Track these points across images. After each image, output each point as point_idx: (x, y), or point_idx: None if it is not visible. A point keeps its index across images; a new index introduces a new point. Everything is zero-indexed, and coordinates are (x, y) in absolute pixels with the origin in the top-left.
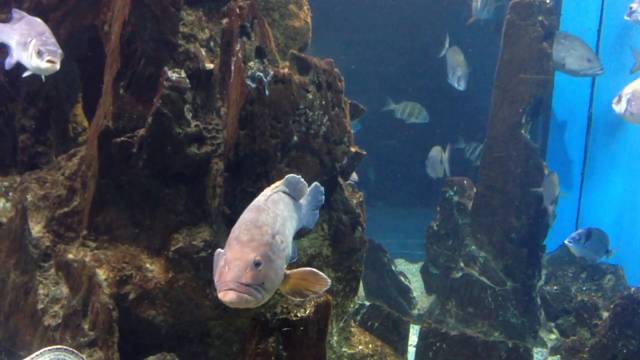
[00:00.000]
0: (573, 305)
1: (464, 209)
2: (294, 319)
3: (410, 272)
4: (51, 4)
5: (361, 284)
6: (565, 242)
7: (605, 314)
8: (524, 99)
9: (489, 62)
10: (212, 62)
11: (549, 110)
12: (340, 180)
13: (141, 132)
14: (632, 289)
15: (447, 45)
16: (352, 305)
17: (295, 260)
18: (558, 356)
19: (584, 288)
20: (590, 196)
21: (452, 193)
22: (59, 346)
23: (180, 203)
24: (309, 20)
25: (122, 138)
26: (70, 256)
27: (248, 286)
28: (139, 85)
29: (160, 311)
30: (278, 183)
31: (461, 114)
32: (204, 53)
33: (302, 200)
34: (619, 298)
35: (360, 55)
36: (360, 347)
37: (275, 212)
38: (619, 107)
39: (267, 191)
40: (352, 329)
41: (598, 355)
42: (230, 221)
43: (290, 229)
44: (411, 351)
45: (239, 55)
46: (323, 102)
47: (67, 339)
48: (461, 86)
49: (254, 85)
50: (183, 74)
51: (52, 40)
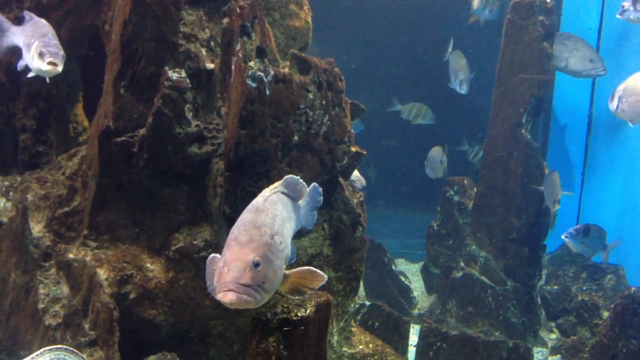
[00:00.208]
0: (573, 305)
1: (464, 208)
2: (294, 318)
3: (411, 272)
4: (52, 4)
5: (362, 284)
6: (563, 236)
7: (606, 314)
8: (525, 98)
9: (489, 62)
10: (212, 61)
11: (549, 110)
12: (340, 179)
13: (142, 131)
14: (633, 288)
15: (450, 49)
16: (352, 305)
17: (294, 261)
18: (558, 356)
19: (584, 288)
20: (590, 196)
21: (452, 193)
22: (59, 346)
23: (181, 203)
24: (310, 20)
25: (123, 138)
26: (71, 256)
27: (247, 287)
28: (140, 84)
29: (161, 311)
30: (277, 184)
31: (462, 113)
32: (204, 53)
33: (301, 201)
34: (620, 298)
35: (361, 55)
36: (360, 347)
37: (274, 213)
38: (612, 105)
39: (266, 192)
40: (353, 329)
41: (598, 355)
42: (231, 221)
43: (289, 230)
44: (412, 351)
45: (240, 55)
46: (324, 102)
47: (67, 339)
48: (463, 90)
49: (254, 85)
50: (184, 74)
51: (55, 41)
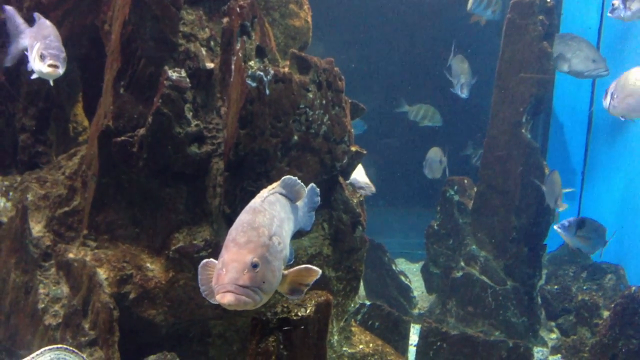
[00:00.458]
0: (574, 305)
1: (464, 208)
2: (294, 318)
3: (411, 272)
4: (51, 4)
5: (362, 284)
6: (555, 227)
7: (606, 314)
8: (525, 98)
9: (490, 62)
10: (212, 61)
11: (549, 110)
12: (340, 179)
13: (141, 131)
14: (633, 288)
15: (452, 54)
16: (352, 305)
17: (292, 262)
18: (559, 355)
19: (584, 287)
20: (590, 195)
21: (452, 192)
22: (59, 345)
23: (181, 202)
24: (309, 20)
25: (123, 137)
26: (71, 255)
27: (246, 288)
28: (139, 84)
29: (161, 310)
30: (274, 185)
31: (462, 113)
32: (204, 52)
33: (299, 202)
34: (620, 297)
35: (360, 54)
36: (360, 347)
37: (272, 214)
38: (605, 102)
39: (264, 193)
40: (353, 328)
41: (599, 355)
42: (231, 220)
43: (287, 231)
44: (412, 350)
45: (240, 54)
46: (323, 102)
47: (67, 339)
48: (463, 94)
49: (254, 85)
50: (183, 74)
51: (56, 44)
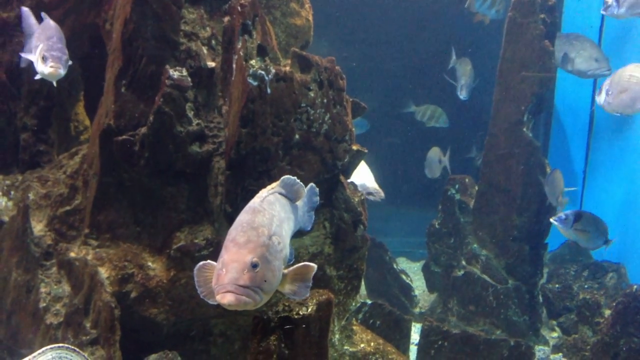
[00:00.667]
0: (575, 303)
1: (465, 207)
2: (295, 317)
3: (412, 271)
4: (52, 3)
5: (363, 283)
6: (552, 219)
7: (608, 312)
8: (526, 96)
9: (492, 61)
10: (213, 60)
11: (551, 108)
12: (342, 178)
13: (143, 130)
14: (634, 286)
15: (454, 56)
16: (353, 304)
17: (293, 261)
18: (560, 354)
19: (585, 286)
20: (592, 194)
21: (454, 191)
22: (60, 344)
23: (182, 201)
24: (311, 18)
25: (124, 136)
26: (72, 255)
27: (246, 288)
28: (141, 83)
29: (162, 309)
30: (274, 184)
31: (465, 112)
32: (205, 51)
33: (299, 202)
34: (621, 296)
35: (362, 53)
36: (362, 345)
37: (272, 214)
38: (599, 99)
39: (263, 193)
40: (354, 327)
41: (600, 353)
42: (232, 219)
43: (287, 230)
44: (413, 349)
45: (241, 53)
46: (325, 100)
47: (69, 338)
48: (462, 95)
49: (255, 84)
50: (185, 72)
51: (59, 45)
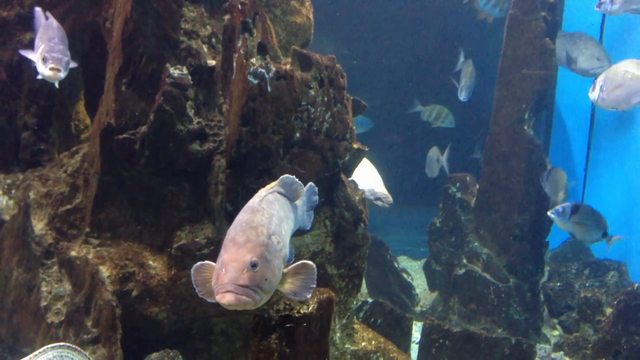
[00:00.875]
0: (576, 302)
1: (466, 205)
2: (296, 315)
3: (413, 269)
4: (53, 1)
5: (364, 281)
6: (548, 212)
7: (609, 310)
8: (527, 94)
9: (491, 59)
10: (214, 58)
11: (552, 106)
12: (342, 176)
13: (143, 129)
14: (636, 285)
15: (462, 58)
16: (354, 302)
17: (292, 261)
18: (561, 352)
19: (587, 284)
20: (593, 192)
21: (454, 189)
22: (62, 343)
23: (183, 200)
24: (311, 17)
25: (125, 135)
26: (73, 253)
27: (246, 287)
28: (141, 82)
29: (163, 308)
30: (273, 184)
31: (466, 110)
32: (205, 49)
33: (298, 201)
34: (622, 294)
35: (362, 51)
36: (363, 344)
37: (271, 213)
38: (593, 95)
39: (262, 192)
40: (355, 326)
41: (601, 352)
42: (233, 218)
43: (286, 230)
44: (414, 348)
45: (241, 51)
46: (325, 99)
47: (70, 336)
48: (462, 97)
49: (256, 82)
50: (185, 71)
51: (60, 46)
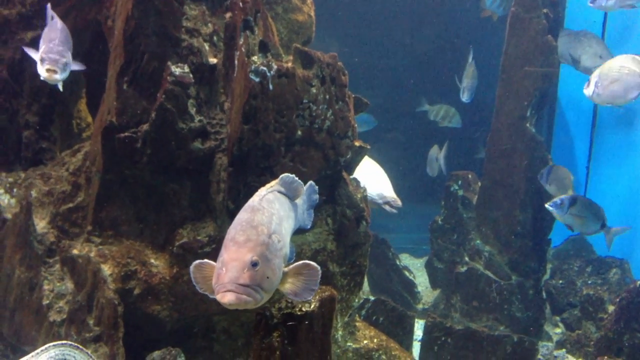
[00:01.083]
0: (578, 299)
1: (468, 203)
2: (298, 313)
3: (415, 267)
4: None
5: (366, 279)
6: (546, 205)
7: (611, 308)
8: (529, 92)
9: (492, 56)
10: (215, 56)
11: (554, 103)
12: (344, 174)
13: (145, 127)
14: (638, 282)
15: (470, 59)
16: (356, 300)
17: (293, 260)
18: (563, 350)
19: (589, 282)
20: (595, 190)
21: (456, 187)
22: (64, 342)
23: (185, 198)
24: (313, 14)
25: (126, 133)
26: (75, 252)
27: (246, 287)
28: (143, 80)
29: (165, 306)
30: (273, 183)
31: (469, 108)
32: (207, 47)
33: (298, 200)
34: (625, 291)
35: (364, 48)
36: (365, 342)
37: (271, 212)
38: (588, 91)
39: (262, 191)
40: (357, 324)
41: (604, 349)
42: (235, 216)
43: (287, 229)
44: (416, 345)
45: (243, 49)
46: (327, 96)
47: (72, 335)
48: (464, 98)
49: (257, 80)
50: (186, 69)
51: (59, 48)
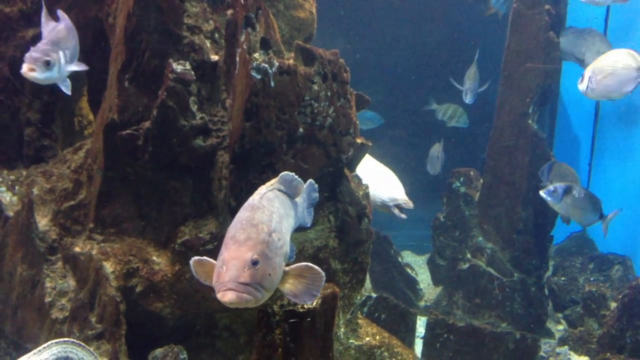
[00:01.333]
0: (581, 296)
1: (470, 200)
2: (300, 310)
3: (417, 264)
4: None
5: (368, 276)
6: (540, 192)
7: (613, 305)
8: (531, 88)
9: (494, 53)
10: (217, 53)
11: (556, 100)
12: (346, 171)
13: (146, 124)
14: None
15: (474, 61)
16: (359, 297)
17: (293, 259)
18: (566, 347)
19: (591, 279)
20: (597, 186)
21: (458, 184)
22: (66, 339)
23: (186, 195)
24: (314, 11)
25: (128, 131)
26: (77, 249)
27: (247, 285)
28: (144, 77)
29: (167, 303)
30: (273, 181)
31: (468, 106)
32: (208, 45)
33: (298, 198)
34: (627, 288)
35: (365, 45)
36: (367, 339)
37: (271, 210)
38: (582, 86)
39: (262, 189)
40: (359, 321)
41: (606, 346)
42: (236, 213)
43: (287, 227)
44: (418, 342)
45: (244, 46)
46: (329, 93)
47: (74, 332)
48: (467, 99)
49: (259, 77)
50: (188, 66)
51: (44, 47)
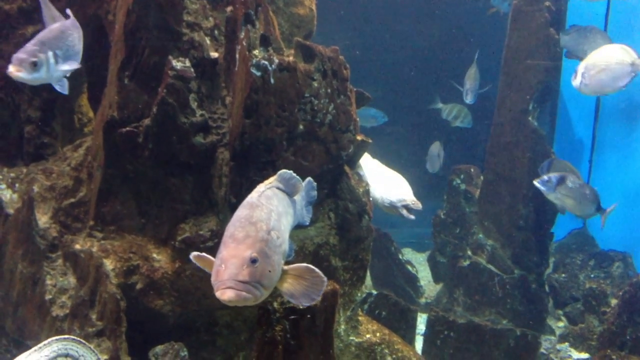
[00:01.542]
0: (581, 293)
1: (471, 197)
2: (301, 307)
3: (418, 261)
4: None
5: (368, 273)
6: (534, 182)
7: (614, 301)
8: (531, 85)
9: (494, 50)
10: (216, 50)
11: (556, 97)
12: (346, 168)
13: (146, 121)
14: None
15: (474, 61)
16: (359, 294)
17: (292, 257)
18: (566, 343)
19: (592, 275)
20: (598, 183)
21: (459, 181)
22: (66, 336)
23: (187, 193)
24: (314, 8)
25: (128, 128)
26: (78, 247)
27: (246, 283)
28: (144, 74)
29: (168, 301)
30: (271, 179)
31: (468, 105)
32: (208, 42)
33: (297, 197)
34: (628, 285)
35: (365, 42)
36: (367, 336)
37: (270, 208)
38: (575, 82)
39: (260, 187)
40: (360, 318)
41: (606, 343)
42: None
43: (285, 225)
44: (419, 339)
45: (244, 43)
46: (329, 90)
47: (75, 329)
48: (468, 100)
49: (259, 74)
50: (188, 63)
51: (33, 47)
